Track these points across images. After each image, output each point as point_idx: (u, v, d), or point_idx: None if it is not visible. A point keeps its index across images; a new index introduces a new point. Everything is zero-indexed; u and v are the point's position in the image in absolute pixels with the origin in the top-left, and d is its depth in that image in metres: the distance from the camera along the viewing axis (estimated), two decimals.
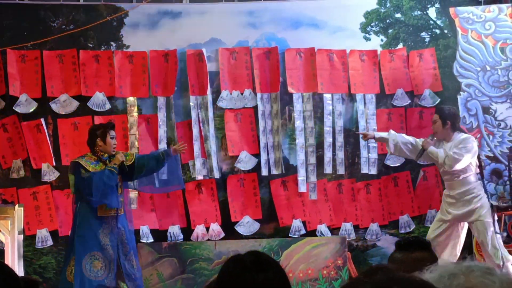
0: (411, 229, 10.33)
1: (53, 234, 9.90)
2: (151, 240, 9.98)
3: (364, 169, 10.30)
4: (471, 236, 9.80)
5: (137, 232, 9.90)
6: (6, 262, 8.08)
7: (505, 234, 9.50)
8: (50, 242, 9.86)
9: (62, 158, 9.91)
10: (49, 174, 9.90)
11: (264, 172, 10.17)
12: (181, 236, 10.04)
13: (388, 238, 10.23)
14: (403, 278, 1.73)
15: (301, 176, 10.21)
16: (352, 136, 10.38)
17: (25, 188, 9.89)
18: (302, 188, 10.18)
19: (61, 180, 9.92)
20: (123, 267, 8.44)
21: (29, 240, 9.75)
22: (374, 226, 10.33)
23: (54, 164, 9.89)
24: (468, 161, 8.63)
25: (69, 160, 9.76)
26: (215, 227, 10.13)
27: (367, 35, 10.55)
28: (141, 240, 9.86)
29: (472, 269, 1.99)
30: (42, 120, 9.88)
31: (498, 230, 8.78)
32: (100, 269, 8.30)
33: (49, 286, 9.71)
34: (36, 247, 9.83)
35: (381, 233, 10.33)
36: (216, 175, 10.10)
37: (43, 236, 9.86)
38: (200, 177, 10.09)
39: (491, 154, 9.89)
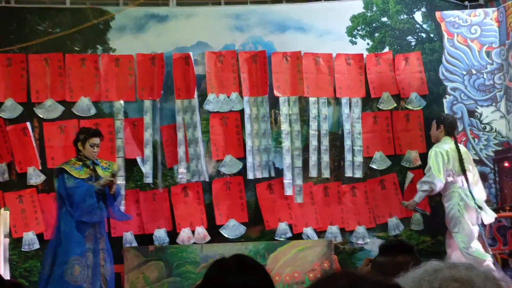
0: (401, 231, 10.34)
1: (39, 237, 9.85)
2: (135, 245, 9.95)
3: (348, 173, 10.30)
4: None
5: (119, 239, 9.89)
6: None
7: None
8: (36, 245, 9.82)
9: (48, 162, 9.87)
10: (35, 177, 9.86)
11: (250, 176, 10.17)
12: (166, 240, 10.02)
13: (376, 241, 10.19)
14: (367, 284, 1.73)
15: (287, 179, 10.21)
16: (337, 140, 10.39)
17: (11, 191, 9.85)
18: (288, 191, 10.18)
19: (47, 184, 9.89)
20: (105, 272, 8.50)
21: (15, 243, 9.71)
22: (360, 229, 10.32)
23: (40, 168, 9.85)
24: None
25: (55, 164, 9.75)
26: (201, 230, 10.11)
27: (353, 39, 10.58)
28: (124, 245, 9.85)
29: (456, 265, 2.02)
30: (28, 124, 9.84)
31: None
32: (80, 274, 8.32)
33: None
34: (22, 250, 9.78)
35: (368, 236, 10.32)
36: (206, 177, 10.08)
37: (30, 239, 9.81)
38: (183, 181, 10.06)
39: (476, 157, 9.91)
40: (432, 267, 2.03)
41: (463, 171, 8.90)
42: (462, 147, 9.17)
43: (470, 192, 8.84)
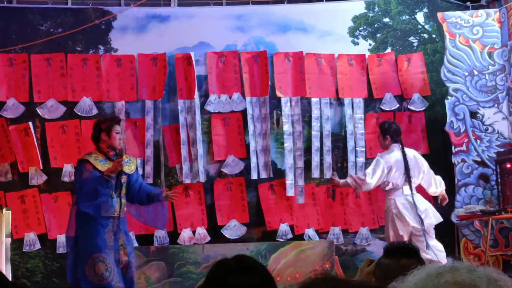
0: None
1: (41, 237, 9.85)
2: (135, 245, 9.94)
3: (352, 173, 10.28)
4: (457, 239, 9.83)
5: None
6: None
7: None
8: (38, 246, 9.83)
9: (51, 161, 9.88)
10: (37, 177, 9.87)
11: (254, 176, 10.16)
12: (167, 240, 10.03)
13: (379, 243, 10.21)
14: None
15: (289, 180, 10.20)
16: (340, 140, 10.38)
17: (12, 191, 9.84)
18: (290, 192, 10.17)
19: (49, 184, 9.90)
20: (126, 269, 8.17)
21: (16, 243, 9.70)
22: (364, 230, 10.31)
23: (42, 168, 9.84)
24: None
25: (58, 163, 9.77)
26: (201, 231, 10.11)
27: (355, 40, 10.57)
28: None
29: (457, 267, 2.01)
30: (30, 123, 9.83)
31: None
32: (105, 271, 8.02)
33: None
34: (23, 250, 9.79)
35: (371, 238, 10.31)
36: (202, 179, 10.06)
37: (31, 239, 9.82)
38: (187, 181, 10.06)
39: (478, 159, 9.90)
40: (434, 271, 2.01)
41: (408, 180, 8.85)
42: (411, 152, 9.07)
43: (413, 200, 8.80)
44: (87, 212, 7.88)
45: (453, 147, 9.96)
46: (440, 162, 10.28)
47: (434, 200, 9.79)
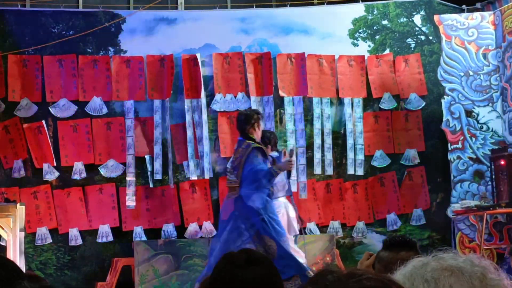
0: (398, 226, 10.35)
1: (53, 231, 9.88)
2: (144, 239, 9.97)
3: (350, 170, 10.33)
4: (453, 233, 9.83)
5: (130, 233, 9.91)
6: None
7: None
8: (49, 240, 9.85)
9: (62, 159, 9.91)
10: (50, 174, 9.89)
11: None
12: (175, 234, 10.06)
13: (375, 236, 10.28)
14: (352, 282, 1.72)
15: (293, 176, 10.18)
16: (340, 138, 10.39)
17: (26, 187, 9.87)
18: (294, 188, 10.16)
19: (61, 180, 9.93)
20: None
21: (30, 237, 9.73)
22: (360, 224, 10.36)
23: (55, 164, 9.86)
24: None
25: (68, 161, 9.80)
26: (208, 225, 10.13)
27: (355, 41, 10.58)
28: (135, 239, 9.89)
29: (440, 256, 2.03)
30: (43, 122, 9.86)
31: None
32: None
33: (50, 281, 9.67)
34: (36, 244, 9.81)
35: (367, 231, 10.33)
36: (207, 175, 10.07)
37: (43, 234, 9.86)
38: (194, 177, 10.08)
39: (473, 156, 9.90)
40: (418, 262, 2.03)
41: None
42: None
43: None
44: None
45: (449, 144, 9.94)
46: (437, 159, 10.29)
47: (431, 198, 9.82)
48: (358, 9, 10.66)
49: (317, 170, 10.32)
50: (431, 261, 2.01)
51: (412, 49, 10.65)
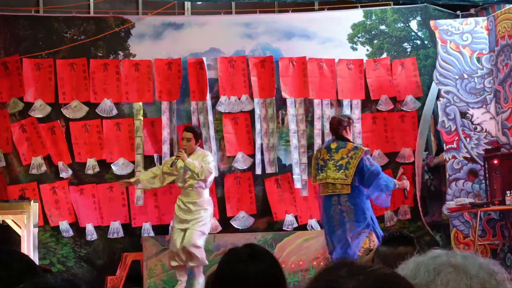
0: (394, 222, 10.45)
1: (71, 226, 9.99)
2: (152, 234, 10.05)
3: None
4: (448, 230, 9.90)
5: (139, 229, 10.01)
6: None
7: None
8: (70, 233, 9.98)
9: (75, 157, 10.02)
10: (65, 171, 10.00)
11: (258, 171, 10.26)
12: None
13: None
14: (367, 272, 1.71)
15: (296, 174, 10.29)
16: None
17: (45, 183, 9.99)
18: (298, 185, 10.30)
19: (76, 177, 10.03)
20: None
21: (51, 231, 9.86)
22: None
23: (70, 162, 9.99)
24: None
25: (82, 159, 9.92)
26: (213, 221, 10.18)
27: (354, 46, 10.66)
28: (143, 235, 9.98)
29: (456, 253, 2.04)
30: (59, 122, 9.98)
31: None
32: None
33: (70, 274, 9.77)
34: (58, 238, 9.92)
35: None
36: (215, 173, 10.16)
37: (64, 227, 10.00)
38: None
39: (468, 155, 9.95)
40: (432, 254, 2.05)
41: None
42: (202, 152, 9.25)
43: None
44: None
45: (444, 144, 10.01)
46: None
47: (429, 194, 9.90)
48: (357, 15, 10.74)
49: None
50: (443, 255, 2.02)
51: (408, 53, 10.72)
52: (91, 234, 10.06)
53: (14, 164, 10.05)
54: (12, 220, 8.16)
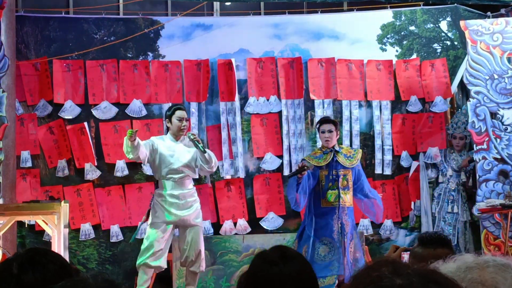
0: (414, 221, 10.41)
1: (95, 228, 9.98)
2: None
3: (378, 170, 10.35)
4: (478, 232, 9.78)
5: None
6: None
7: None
8: (92, 235, 9.96)
9: (105, 157, 10.02)
10: (91, 173, 10.00)
11: (286, 172, 10.20)
12: (211, 231, 10.10)
13: (400, 232, 10.40)
14: (411, 271, 1.72)
15: None
16: (368, 139, 10.40)
17: (69, 186, 9.97)
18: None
19: (102, 179, 10.03)
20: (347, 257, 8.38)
21: (73, 233, 9.83)
22: (388, 222, 10.38)
23: (96, 164, 9.97)
24: None
25: (111, 160, 9.90)
26: (242, 222, 10.17)
27: (383, 46, 10.57)
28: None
29: (489, 264, 1.97)
30: (86, 123, 9.96)
31: None
32: (328, 254, 8.26)
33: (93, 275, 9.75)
34: (80, 239, 9.91)
35: (394, 229, 10.37)
36: (241, 174, 10.13)
37: (86, 229, 9.97)
38: (228, 177, 10.14)
39: (498, 156, 9.83)
40: (465, 264, 1.99)
41: None
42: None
43: None
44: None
45: (474, 145, 9.90)
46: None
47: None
48: (386, 15, 10.65)
49: None
50: (475, 268, 1.98)
51: (438, 54, 10.62)
52: (116, 235, 10.02)
53: (41, 166, 10.05)
54: (42, 220, 8.15)
